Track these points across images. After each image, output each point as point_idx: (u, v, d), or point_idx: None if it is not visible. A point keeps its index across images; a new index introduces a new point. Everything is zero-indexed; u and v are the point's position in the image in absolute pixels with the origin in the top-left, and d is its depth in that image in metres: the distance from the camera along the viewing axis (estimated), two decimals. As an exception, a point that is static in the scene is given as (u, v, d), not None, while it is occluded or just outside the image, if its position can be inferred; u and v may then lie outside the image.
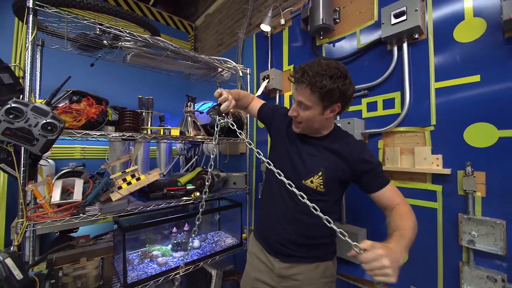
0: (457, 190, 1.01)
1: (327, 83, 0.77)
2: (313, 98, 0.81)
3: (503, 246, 0.89)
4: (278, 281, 0.96)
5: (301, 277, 0.92)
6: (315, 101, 0.81)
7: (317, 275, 0.92)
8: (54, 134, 0.95)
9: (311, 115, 0.84)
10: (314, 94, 0.80)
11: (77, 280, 1.08)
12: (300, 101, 0.84)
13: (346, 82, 0.80)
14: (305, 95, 0.82)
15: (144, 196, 1.42)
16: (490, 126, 0.94)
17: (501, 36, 0.92)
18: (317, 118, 0.85)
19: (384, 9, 1.16)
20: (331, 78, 0.78)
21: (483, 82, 0.96)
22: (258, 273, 1.01)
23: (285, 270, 0.93)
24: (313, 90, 0.79)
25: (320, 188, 0.90)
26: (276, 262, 0.95)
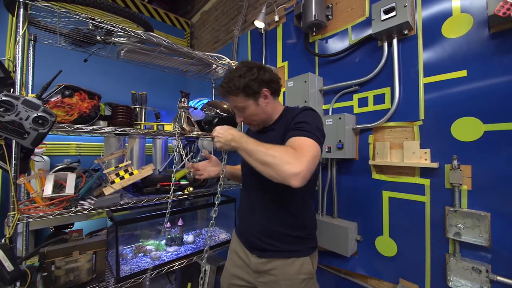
0: (444, 184, 1.03)
1: (239, 83, 0.88)
2: (241, 99, 0.90)
3: (487, 237, 0.91)
4: (255, 276, 0.95)
5: (277, 272, 0.90)
6: (244, 100, 0.90)
7: (293, 270, 0.89)
8: (46, 127, 0.95)
9: (251, 111, 0.93)
10: (238, 96, 0.90)
11: (69, 273, 1.09)
12: (235, 107, 0.94)
13: (255, 72, 0.89)
14: (235, 100, 0.92)
15: (138, 191, 1.43)
16: (476, 120, 0.96)
17: (487, 31, 0.94)
18: (257, 110, 0.93)
19: (374, 5, 1.17)
20: (240, 76, 0.88)
21: (469, 77, 0.97)
22: (236, 269, 1.01)
23: (262, 265, 0.92)
24: (236, 94, 0.90)
25: None
26: (253, 258, 0.95)
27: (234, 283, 1.01)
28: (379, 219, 1.21)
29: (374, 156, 1.23)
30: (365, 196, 1.27)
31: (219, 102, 1.78)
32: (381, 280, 1.21)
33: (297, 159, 0.69)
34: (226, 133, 0.83)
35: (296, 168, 0.68)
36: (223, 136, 0.83)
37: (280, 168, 0.69)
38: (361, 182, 1.29)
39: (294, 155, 0.70)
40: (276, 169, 0.70)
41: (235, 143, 0.80)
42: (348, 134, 1.25)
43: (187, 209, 1.72)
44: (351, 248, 1.26)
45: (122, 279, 1.19)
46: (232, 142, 0.81)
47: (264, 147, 0.74)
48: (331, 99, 1.42)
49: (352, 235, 1.27)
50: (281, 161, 0.69)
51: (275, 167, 0.70)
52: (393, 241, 1.17)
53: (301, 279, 0.89)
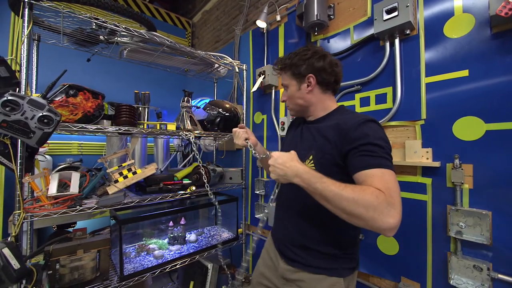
0: (446, 183, 1.03)
1: (292, 60, 0.89)
2: (287, 76, 0.92)
3: (488, 236, 0.92)
4: (282, 283, 0.90)
5: (304, 285, 0.83)
6: (289, 79, 0.91)
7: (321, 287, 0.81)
8: (51, 127, 0.96)
9: (291, 92, 0.92)
10: (286, 73, 0.92)
11: (74, 271, 1.10)
12: (282, 84, 0.95)
13: (311, 55, 0.87)
14: (283, 77, 0.94)
15: (141, 190, 1.44)
16: (477, 119, 0.96)
17: (489, 31, 0.95)
18: (296, 94, 0.91)
19: (376, 5, 1.18)
20: (296, 55, 0.89)
21: (471, 76, 0.98)
22: (265, 269, 1.00)
23: (289, 273, 0.87)
24: (285, 70, 0.92)
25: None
26: (281, 262, 0.91)
27: (261, 281, 1.00)
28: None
29: (376, 155, 1.24)
30: (367, 195, 1.27)
31: (221, 102, 1.79)
32: (383, 279, 1.22)
33: (392, 208, 0.59)
34: (288, 165, 0.69)
35: (393, 220, 0.58)
36: (283, 168, 0.70)
37: (376, 222, 0.58)
38: (363, 181, 1.29)
39: (387, 203, 0.59)
40: (370, 222, 0.59)
41: (300, 181, 0.67)
42: (350, 134, 1.26)
43: (190, 208, 1.73)
44: (353, 246, 1.26)
45: (126, 278, 1.20)
46: (295, 179, 0.68)
47: (348, 192, 0.61)
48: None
49: (354, 234, 1.27)
50: (376, 213, 0.58)
51: (368, 220, 0.59)
52: (394, 240, 1.18)
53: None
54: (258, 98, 2.00)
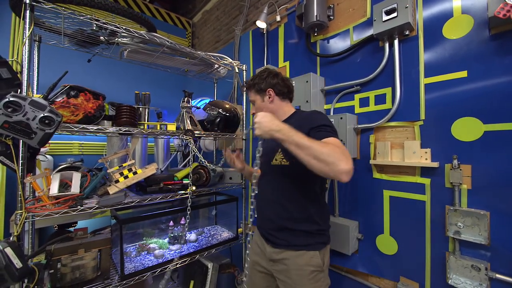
0: (444, 183, 1.04)
1: (254, 81, 1.11)
2: (252, 94, 1.12)
3: (486, 236, 0.92)
4: (270, 264, 1.06)
5: (288, 262, 0.99)
6: (254, 95, 1.12)
7: (302, 261, 0.97)
8: (52, 127, 0.97)
9: (258, 105, 1.12)
10: (251, 91, 1.13)
11: (75, 270, 1.11)
12: (250, 100, 1.15)
13: (267, 75, 1.09)
14: (250, 95, 1.14)
15: (141, 190, 1.45)
16: (476, 120, 0.97)
17: (488, 32, 0.95)
18: (262, 105, 1.10)
19: (376, 6, 1.18)
20: (256, 77, 1.11)
21: (470, 77, 0.99)
22: (256, 256, 1.14)
23: (275, 255, 1.03)
24: (250, 89, 1.13)
25: (284, 162, 1.01)
26: (268, 247, 1.07)
27: (254, 268, 1.14)
28: (380, 218, 1.23)
29: (375, 155, 1.25)
30: (366, 195, 1.28)
31: (221, 102, 1.79)
32: (382, 278, 1.22)
33: (346, 157, 0.75)
34: (271, 122, 0.81)
35: (348, 165, 0.73)
36: (267, 124, 0.81)
37: (336, 165, 0.73)
38: (362, 181, 1.30)
39: (343, 153, 0.75)
40: (331, 166, 0.73)
41: (281, 135, 0.79)
42: (350, 134, 1.27)
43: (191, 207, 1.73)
44: (352, 246, 1.27)
45: (127, 277, 1.21)
46: (277, 133, 0.79)
47: (316, 144, 0.77)
48: (333, 99, 1.44)
49: (353, 234, 1.28)
50: (335, 159, 0.73)
51: (330, 164, 0.73)
52: (393, 240, 1.19)
53: (310, 271, 0.96)
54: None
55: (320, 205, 1.04)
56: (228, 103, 1.80)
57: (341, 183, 1.39)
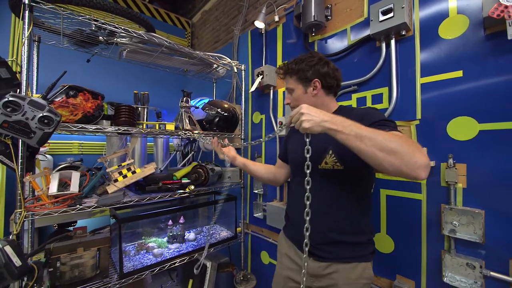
0: (440, 182, 1.05)
1: (298, 66, 0.95)
2: (293, 81, 0.98)
3: (481, 234, 0.93)
4: (311, 280, 0.91)
5: (337, 276, 0.87)
6: (295, 83, 0.97)
7: (354, 275, 0.86)
8: (51, 127, 0.98)
9: (297, 95, 0.98)
10: (292, 77, 0.98)
11: (74, 269, 1.12)
12: (287, 88, 1.01)
13: (316, 61, 0.94)
14: (289, 81, 1.00)
15: (140, 189, 1.46)
16: (471, 119, 0.98)
17: (483, 32, 0.96)
18: (303, 97, 0.96)
19: (372, 6, 1.19)
20: (302, 61, 0.95)
21: (465, 77, 0.99)
22: (290, 272, 1.00)
23: (320, 269, 0.90)
24: (291, 75, 0.98)
25: (337, 166, 0.87)
26: (310, 261, 0.91)
27: (289, 285, 1.00)
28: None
29: (372, 155, 1.25)
30: (363, 194, 1.29)
31: (220, 102, 1.80)
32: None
33: (420, 148, 0.63)
34: (320, 113, 0.69)
35: (425, 158, 0.61)
36: (317, 115, 0.68)
37: (410, 157, 0.60)
38: (359, 180, 1.31)
39: (415, 144, 0.64)
40: (404, 158, 0.60)
41: (336, 126, 0.66)
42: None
43: (189, 207, 1.75)
44: (349, 245, 1.28)
45: (126, 275, 1.22)
46: (331, 124, 0.67)
47: (381, 133, 0.64)
48: (330, 99, 1.44)
49: (351, 233, 1.29)
50: (409, 150, 0.61)
51: (403, 156, 0.60)
52: (390, 238, 1.20)
53: (362, 284, 0.88)
54: (256, 98, 2.02)
55: (368, 214, 0.94)
56: (227, 103, 1.81)
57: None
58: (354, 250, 0.89)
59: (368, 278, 0.90)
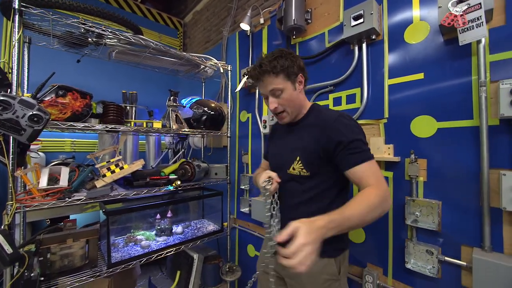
0: (404, 176, 1.13)
1: (284, 62, 0.86)
2: (281, 80, 0.88)
3: (437, 223, 1.02)
4: (282, 267, 0.92)
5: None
6: (284, 82, 0.88)
7: (315, 269, 0.86)
8: (40, 124, 1.04)
9: (288, 95, 0.89)
10: (279, 76, 0.87)
11: (64, 258, 1.19)
12: (273, 89, 0.89)
13: (294, 56, 0.90)
14: (274, 82, 0.88)
15: (129, 184, 1.53)
16: (431, 118, 1.06)
17: (441, 38, 1.04)
18: (294, 95, 0.90)
19: (345, 12, 1.27)
20: (282, 57, 0.87)
21: (426, 79, 1.08)
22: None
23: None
24: (277, 73, 0.87)
25: (304, 173, 0.89)
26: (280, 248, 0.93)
27: (266, 271, 1.01)
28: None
29: (346, 151, 1.33)
30: (338, 188, 1.37)
31: (207, 101, 1.87)
32: (351, 265, 1.32)
33: (387, 199, 0.75)
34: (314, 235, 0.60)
35: (388, 206, 0.76)
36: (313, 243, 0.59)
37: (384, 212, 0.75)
38: (335, 175, 1.39)
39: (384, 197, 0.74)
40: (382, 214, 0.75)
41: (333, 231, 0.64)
42: (323, 131, 1.35)
43: (175, 201, 1.82)
44: (325, 236, 1.36)
45: (113, 265, 1.29)
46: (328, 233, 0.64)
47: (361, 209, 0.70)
48: (310, 98, 1.52)
49: (327, 224, 1.37)
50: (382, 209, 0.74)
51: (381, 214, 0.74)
52: (361, 229, 1.28)
53: (324, 279, 0.88)
54: (243, 97, 2.09)
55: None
56: (214, 102, 1.88)
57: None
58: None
59: (331, 274, 0.89)
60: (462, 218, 0.98)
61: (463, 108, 0.98)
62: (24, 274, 1.00)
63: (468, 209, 0.96)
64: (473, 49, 0.95)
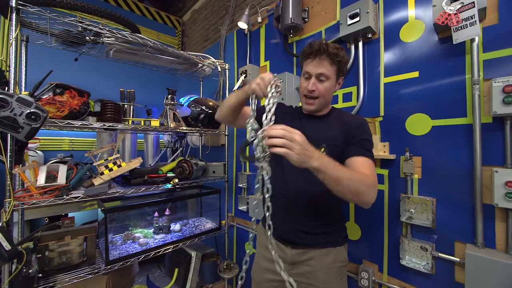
0: (399, 173, 1.14)
1: (343, 57, 0.88)
2: (332, 69, 0.88)
3: (432, 220, 1.03)
4: (289, 268, 0.93)
5: (314, 262, 0.91)
6: (333, 72, 0.89)
7: (330, 260, 0.91)
8: (38, 122, 1.05)
9: (329, 87, 0.90)
10: (333, 65, 0.88)
11: (62, 255, 1.20)
12: (321, 73, 0.87)
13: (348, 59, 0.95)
14: (326, 66, 0.87)
15: (127, 182, 1.54)
16: (425, 116, 1.07)
17: (436, 37, 1.05)
18: (331, 90, 0.92)
19: (342, 11, 1.28)
20: (343, 52, 0.89)
21: (421, 77, 1.09)
22: (268, 263, 0.99)
23: (298, 256, 0.92)
24: (333, 61, 0.87)
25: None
26: (288, 249, 0.94)
27: (267, 277, 0.99)
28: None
29: (342, 149, 1.35)
30: (335, 186, 1.38)
31: (205, 99, 1.88)
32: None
33: (374, 189, 0.77)
34: (312, 151, 0.66)
35: (373, 198, 0.77)
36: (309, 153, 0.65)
37: (366, 197, 0.75)
38: (331, 173, 1.40)
39: (373, 185, 0.77)
40: (361, 197, 0.74)
41: (322, 167, 0.67)
42: (320, 129, 1.36)
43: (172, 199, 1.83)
44: (322, 233, 1.38)
45: (111, 262, 1.30)
46: (315, 162, 0.66)
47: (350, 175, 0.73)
48: (307, 97, 1.53)
49: (323, 222, 1.39)
50: (366, 192, 0.74)
51: (361, 196, 0.74)
52: (357, 226, 1.29)
53: (338, 267, 0.93)
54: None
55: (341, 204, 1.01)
56: (212, 101, 1.88)
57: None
58: (329, 236, 0.94)
59: (343, 261, 0.96)
60: (456, 215, 0.99)
61: (457, 106, 0.99)
62: (22, 271, 1.01)
63: (461, 206, 0.98)
64: (467, 47, 0.96)
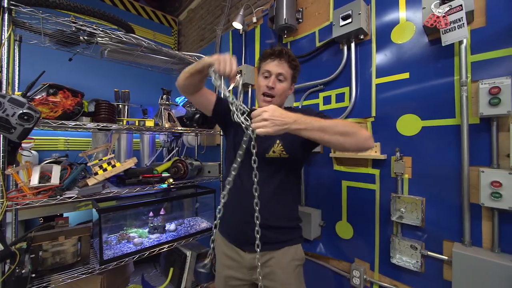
0: (390, 173, 1.16)
1: (298, 66, 0.98)
2: (290, 71, 0.96)
3: (421, 219, 1.05)
4: (250, 273, 0.93)
5: (272, 262, 0.91)
6: (290, 75, 0.97)
7: (287, 258, 0.92)
8: (31, 123, 1.04)
9: (286, 88, 0.97)
10: (290, 68, 0.96)
11: (55, 255, 1.20)
12: (281, 73, 0.94)
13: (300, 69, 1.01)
14: (285, 68, 0.95)
15: (121, 182, 1.54)
16: (415, 117, 1.09)
17: (426, 38, 1.06)
18: (286, 92, 0.98)
19: (334, 12, 1.29)
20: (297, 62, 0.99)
21: (411, 78, 1.10)
22: (229, 271, 0.97)
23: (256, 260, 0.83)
24: (291, 65, 0.96)
25: (284, 155, 0.93)
26: (246, 255, 0.93)
27: (230, 284, 0.97)
28: (339, 206, 1.35)
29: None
30: (328, 185, 1.40)
31: (200, 99, 1.88)
32: (340, 261, 1.35)
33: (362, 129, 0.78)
34: (284, 115, 0.71)
35: (367, 137, 0.77)
36: (283, 119, 0.70)
37: (361, 134, 0.76)
38: (324, 173, 1.42)
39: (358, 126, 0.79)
40: (357, 135, 0.75)
41: (299, 125, 0.72)
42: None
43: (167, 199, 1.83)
44: (315, 232, 1.39)
45: (106, 262, 1.30)
46: (294, 125, 0.71)
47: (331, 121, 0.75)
48: (301, 97, 1.54)
49: (316, 221, 1.40)
50: (355, 131, 0.75)
51: (355, 134, 0.75)
52: (350, 225, 1.31)
53: (295, 265, 0.93)
54: (235, 95, 2.10)
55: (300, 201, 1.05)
56: (207, 101, 1.88)
57: (308, 174, 1.50)
58: (286, 234, 0.94)
59: (300, 259, 0.96)
60: (444, 214, 1.01)
61: (446, 107, 1.01)
62: (15, 271, 1.01)
63: (450, 205, 1.00)
64: (455, 49, 0.98)
